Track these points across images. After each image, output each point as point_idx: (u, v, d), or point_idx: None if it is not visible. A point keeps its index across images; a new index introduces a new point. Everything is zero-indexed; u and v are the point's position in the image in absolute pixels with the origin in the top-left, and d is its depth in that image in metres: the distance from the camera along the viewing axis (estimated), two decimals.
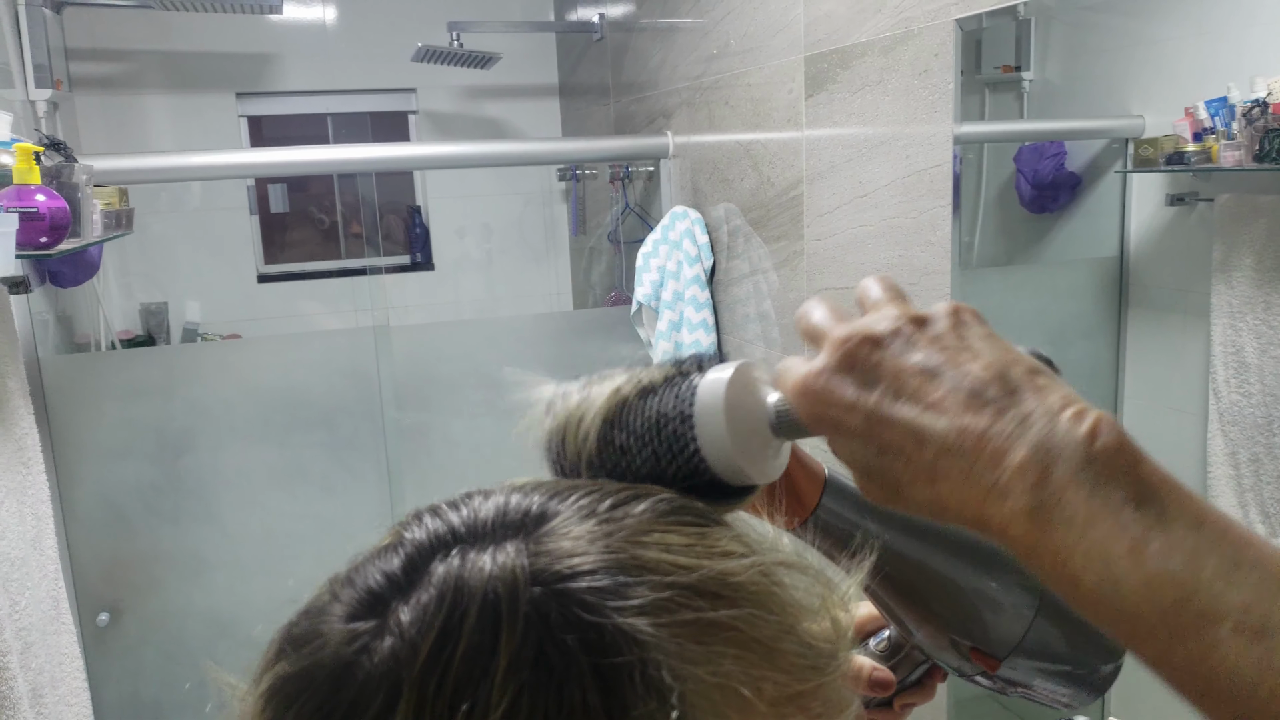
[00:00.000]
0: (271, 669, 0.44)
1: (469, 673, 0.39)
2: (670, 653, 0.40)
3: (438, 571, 0.43)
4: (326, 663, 0.42)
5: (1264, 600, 0.38)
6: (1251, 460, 1.35)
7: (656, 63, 2.92)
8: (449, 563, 0.43)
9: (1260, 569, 0.38)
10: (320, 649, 0.43)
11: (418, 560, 0.44)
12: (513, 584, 0.41)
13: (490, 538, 0.44)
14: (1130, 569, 0.39)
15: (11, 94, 2.46)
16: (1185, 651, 0.39)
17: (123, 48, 3.61)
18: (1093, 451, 0.41)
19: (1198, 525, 0.40)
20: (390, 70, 3.91)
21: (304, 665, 0.43)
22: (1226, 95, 1.33)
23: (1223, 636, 0.38)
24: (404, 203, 4.27)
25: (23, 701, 1.67)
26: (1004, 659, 0.62)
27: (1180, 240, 1.46)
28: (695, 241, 2.56)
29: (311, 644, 0.43)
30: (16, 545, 1.74)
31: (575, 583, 0.41)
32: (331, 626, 0.43)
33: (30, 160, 1.62)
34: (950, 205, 1.67)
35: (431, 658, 0.40)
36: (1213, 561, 0.39)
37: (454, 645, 0.40)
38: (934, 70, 1.67)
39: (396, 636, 0.41)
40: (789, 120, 2.15)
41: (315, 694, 0.42)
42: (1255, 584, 0.38)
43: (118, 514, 2.43)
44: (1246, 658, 0.37)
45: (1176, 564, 0.39)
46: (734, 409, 0.51)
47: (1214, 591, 0.38)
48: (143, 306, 3.64)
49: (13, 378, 1.83)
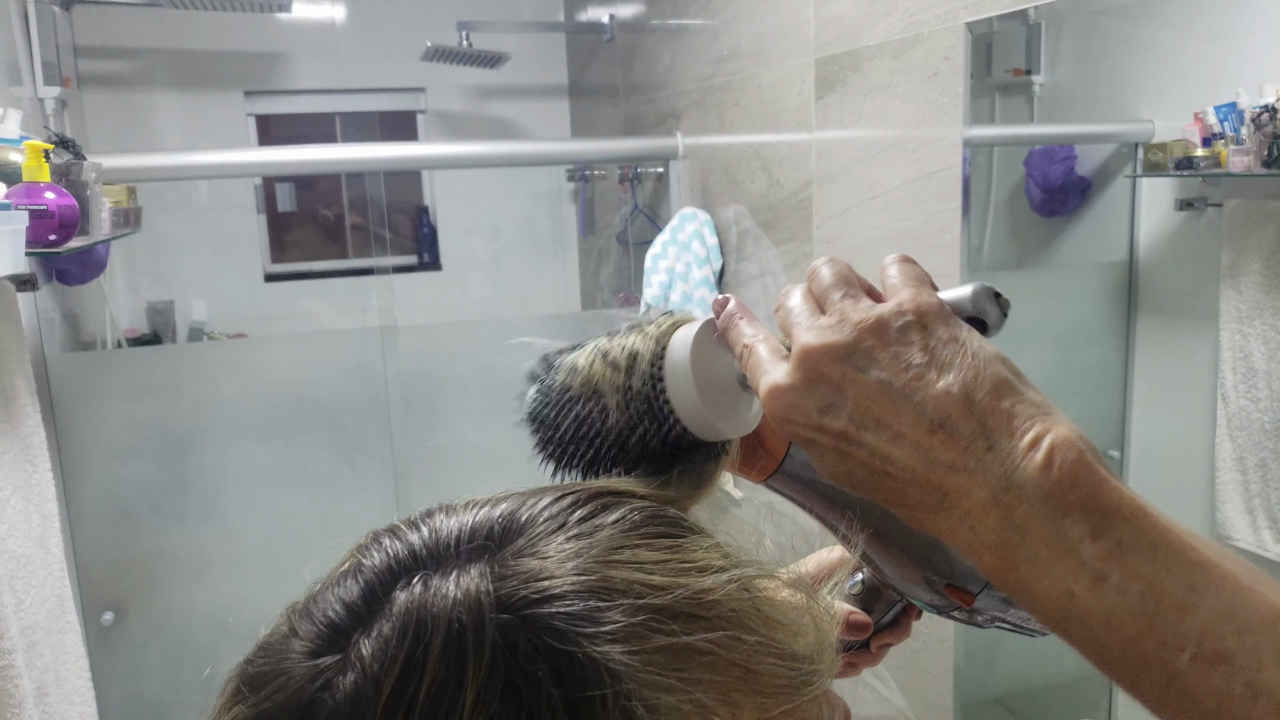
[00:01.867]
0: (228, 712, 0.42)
1: (434, 709, 0.37)
2: (644, 682, 0.38)
3: (399, 600, 0.41)
4: (287, 704, 0.40)
5: (1220, 625, 0.38)
6: (1259, 465, 1.35)
7: (666, 64, 2.92)
8: (410, 590, 0.41)
9: (1215, 592, 0.38)
10: (279, 690, 0.41)
11: (377, 587, 0.42)
12: (478, 611, 0.39)
13: (453, 560, 0.42)
14: (1092, 604, 0.39)
15: (20, 91, 2.46)
16: (1149, 680, 0.39)
17: (132, 45, 3.61)
18: (1050, 483, 0.40)
19: (1153, 550, 0.39)
20: (399, 69, 3.91)
21: (264, 709, 0.41)
22: (1236, 101, 1.33)
23: (1182, 666, 0.38)
24: (412, 202, 4.27)
25: (27, 700, 1.67)
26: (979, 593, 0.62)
27: (1189, 245, 1.46)
28: (704, 243, 2.56)
29: (271, 684, 0.41)
30: (22, 543, 1.74)
31: (544, 608, 0.39)
32: (291, 664, 0.41)
33: (40, 158, 1.62)
34: (960, 208, 1.67)
35: (395, 695, 0.38)
36: (1169, 589, 0.39)
37: (418, 680, 0.38)
38: (944, 73, 1.67)
39: (359, 672, 0.39)
40: (799, 122, 2.14)
41: None
42: (1211, 609, 0.38)
43: (123, 513, 2.44)
44: (1207, 686, 0.37)
45: (1134, 597, 0.39)
46: (701, 365, 0.52)
47: (1170, 621, 0.38)
48: (149, 305, 3.64)
49: (19, 375, 1.83)
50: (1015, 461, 0.41)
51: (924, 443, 0.43)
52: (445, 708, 0.37)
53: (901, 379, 0.43)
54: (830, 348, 0.45)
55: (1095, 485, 0.40)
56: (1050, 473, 0.40)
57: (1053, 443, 0.41)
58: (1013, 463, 0.41)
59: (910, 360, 0.44)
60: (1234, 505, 1.39)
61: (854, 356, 0.44)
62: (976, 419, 0.42)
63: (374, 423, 2.62)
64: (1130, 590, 0.39)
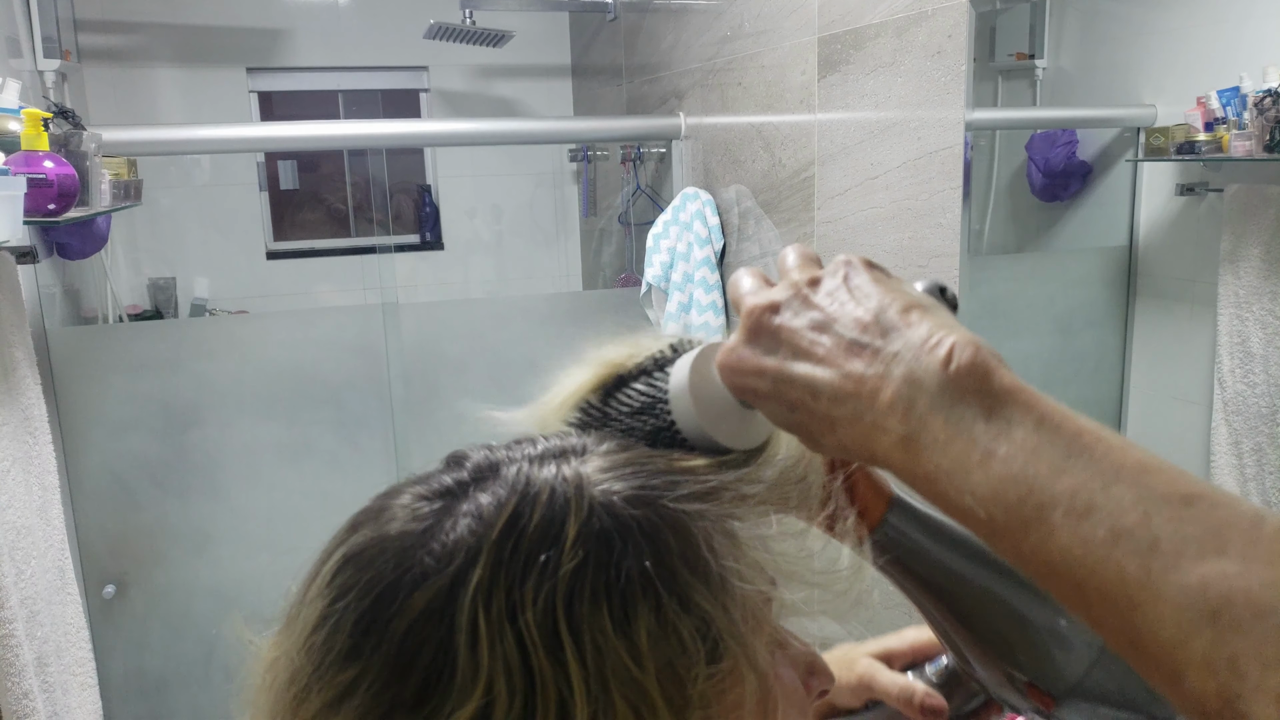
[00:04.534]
0: (344, 542, 0.50)
1: (541, 539, 0.46)
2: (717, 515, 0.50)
3: (507, 472, 0.50)
4: (399, 531, 0.48)
5: (1089, 483, 0.41)
6: (1255, 450, 1.35)
7: (670, 43, 2.91)
8: (517, 466, 0.51)
9: (1088, 455, 0.42)
10: (391, 521, 0.49)
11: (484, 470, 0.51)
12: (578, 480, 0.49)
13: (548, 458, 0.51)
14: (982, 478, 0.43)
15: (20, 64, 2.45)
16: (1030, 542, 0.42)
17: (132, 20, 3.59)
18: (948, 376, 0.44)
19: (1038, 425, 0.43)
20: (402, 47, 3.90)
21: (379, 533, 0.49)
22: (1239, 85, 1.32)
23: (1056, 522, 0.41)
24: (414, 182, 4.27)
25: (28, 669, 1.69)
26: (1060, 698, 0.61)
27: (1189, 230, 1.45)
28: (706, 223, 2.55)
29: (383, 518, 0.49)
30: (23, 514, 1.75)
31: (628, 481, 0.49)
32: (402, 506, 0.50)
33: (39, 126, 1.62)
34: (960, 187, 1.67)
35: (508, 526, 0.47)
36: (1048, 456, 0.42)
37: (528, 518, 0.47)
38: (947, 51, 1.67)
39: (473, 513, 0.48)
40: (802, 102, 2.14)
41: (391, 557, 0.47)
42: (1082, 469, 0.42)
43: (124, 487, 2.44)
44: (1075, 537, 0.41)
45: (1018, 465, 0.42)
46: (700, 387, 0.54)
47: (1047, 483, 0.42)
48: (151, 282, 3.64)
49: (19, 348, 1.83)
50: (919, 360, 0.45)
51: (840, 359, 0.47)
52: (550, 541, 0.46)
53: (826, 313, 0.48)
54: (770, 304, 0.49)
55: (987, 373, 0.44)
56: (948, 367, 0.44)
57: (953, 342, 0.45)
58: (916, 361, 0.45)
59: (835, 297, 0.49)
60: (1229, 489, 1.39)
61: (789, 306, 0.49)
62: (884, 329, 0.47)
63: (375, 399, 2.63)
64: (1014, 461, 0.42)
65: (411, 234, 4.26)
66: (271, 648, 0.50)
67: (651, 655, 0.45)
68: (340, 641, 0.47)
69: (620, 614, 0.45)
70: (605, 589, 0.45)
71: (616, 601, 0.45)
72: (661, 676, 0.45)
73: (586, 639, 0.44)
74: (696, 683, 0.46)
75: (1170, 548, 0.39)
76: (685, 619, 0.46)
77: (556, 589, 0.45)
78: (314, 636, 0.48)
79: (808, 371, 0.47)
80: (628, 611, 0.45)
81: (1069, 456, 0.42)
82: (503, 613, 0.45)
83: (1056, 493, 0.41)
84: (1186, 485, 0.41)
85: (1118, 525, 0.40)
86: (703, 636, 0.47)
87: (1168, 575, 0.39)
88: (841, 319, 0.48)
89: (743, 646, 0.48)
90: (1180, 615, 0.38)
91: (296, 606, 0.50)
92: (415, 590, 0.46)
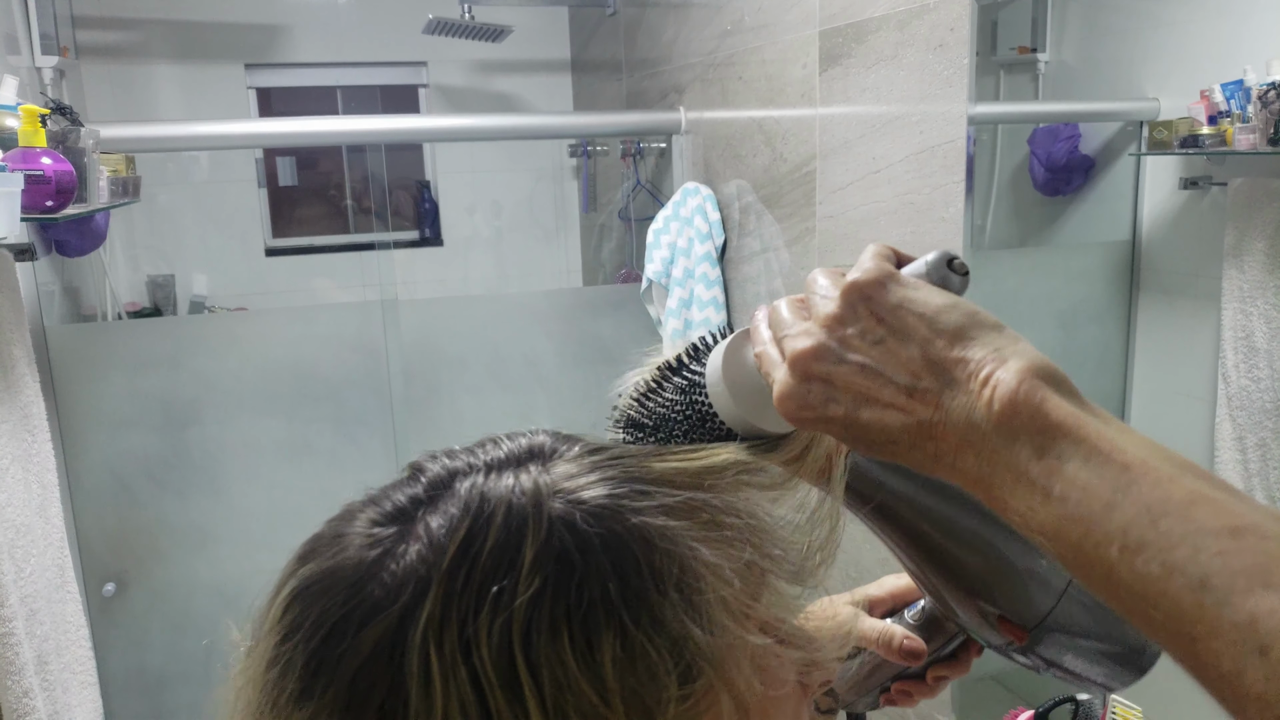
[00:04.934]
0: (293, 575, 0.48)
1: (495, 568, 0.43)
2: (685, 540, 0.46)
3: (461, 487, 0.47)
4: (350, 563, 0.46)
5: (1139, 519, 0.42)
6: (1259, 445, 1.35)
7: (670, 37, 2.90)
8: (473, 480, 0.48)
9: (1136, 488, 0.43)
10: (343, 551, 0.46)
11: (440, 484, 0.48)
12: (536, 493, 0.46)
13: (509, 465, 0.49)
14: (1045, 516, 0.44)
15: (18, 61, 2.44)
16: (1098, 576, 0.43)
17: (130, 16, 3.58)
18: (997, 416, 0.46)
19: (1088, 459, 0.44)
20: (401, 42, 3.89)
21: (327, 566, 0.46)
22: (1242, 78, 1.32)
23: (1114, 558, 0.42)
24: (413, 178, 4.26)
25: (28, 667, 1.68)
26: (1032, 630, 0.63)
27: (1193, 224, 1.45)
28: (707, 218, 2.55)
29: (334, 547, 0.47)
30: (22, 512, 1.75)
31: (593, 490, 0.47)
32: (354, 533, 0.47)
33: (36, 122, 1.61)
34: (963, 180, 1.66)
35: (460, 554, 0.44)
36: (1099, 492, 0.43)
37: (481, 542, 0.44)
38: (949, 44, 1.66)
39: (423, 539, 0.45)
40: (803, 95, 2.13)
41: (340, 591, 0.45)
42: (1132, 504, 0.42)
43: (123, 485, 2.44)
44: (1132, 573, 0.42)
45: (1072, 504, 0.44)
46: (735, 374, 0.55)
47: (1101, 520, 0.43)
48: (149, 279, 3.63)
49: (18, 345, 1.83)
50: (973, 403, 0.47)
51: (905, 406, 0.48)
52: (505, 567, 0.43)
53: (873, 355, 0.49)
54: (814, 349, 0.50)
55: (1035, 409, 0.45)
56: (992, 407, 0.46)
57: (999, 378, 0.46)
58: (971, 404, 0.47)
59: (873, 336, 0.49)
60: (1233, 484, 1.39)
61: (832, 350, 0.50)
62: (939, 373, 0.48)
63: (375, 396, 2.62)
64: (1070, 499, 0.44)
65: (411, 230, 4.25)
66: (238, 675, 0.49)
67: (618, 685, 0.43)
68: (291, 683, 0.45)
69: (582, 643, 0.42)
70: (566, 616, 0.43)
71: (578, 629, 0.43)
72: (629, 707, 0.43)
73: (545, 674, 0.42)
74: (668, 709, 0.44)
75: (1220, 582, 0.40)
76: (654, 642, 0.44)
77: (513, 621, 0.42)
78: (268, 675, 0.46)
79: (878, 418, 0.49)
80: (590, 640, 0.43)
81: (1118, 490, 0.43)
82: (456, 649, 0.42)
83: (1111, 530, 0.42)
84: (1236, 516, 0.41)
85: (1169, 560, 0.41)
86: (674, 659, 0.44)
87: (1220, 610, 0.39)
88: (891, 364, 0.49)
89: (718, 665, 0.46)
90: (1234, 649, 0.39)
91: (254, 638, 0.48)
92: (364, 628, 0.43)
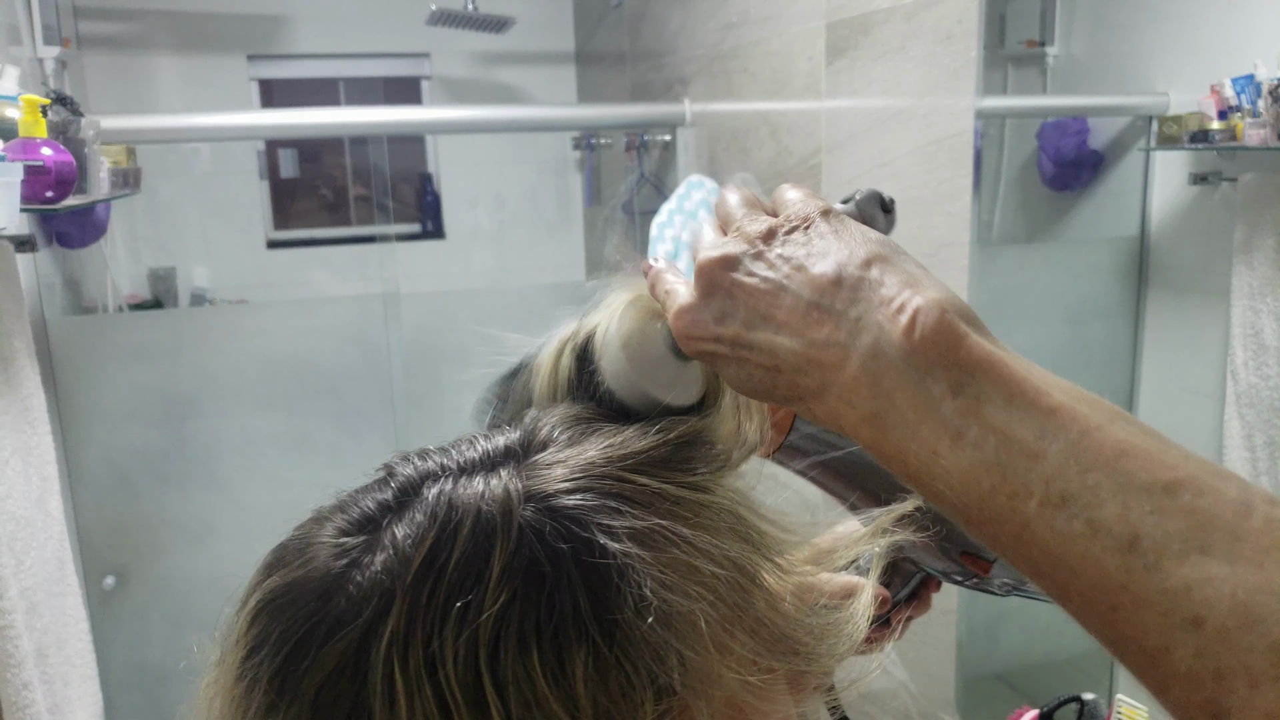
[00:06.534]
0: (259, 586, 0.46)
1: (461, 581, 0.41)
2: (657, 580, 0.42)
3: (429, 493, 0.45)
4: (316, 575, 0.44)
5: (1064, 469, 0.38)
6: (1268, 443, 1.34)
7: (674, 29, 2.88)
8: (441, 485, 0.45)
9: (1063, 435, 0.38)
10: (309, 562, 0.44)
11: (409, 489, 0.46)
12: (505, 500, 0.43)
13: (481, 468, 0.46)
14: (953, 462, 0.40)
15: (19, 51, 2.44)
16: (1007, 534, 0.39)
17: (132, 7, 3.57)
18: (912, 345, 0.41)
19: (1008, 402, 0.40)
20: (404, 34, 3.88)
21: (293, 578, 0.44)
22: (1253, 73, 1.31)
23: (1031, 513, 0.38)
24: (416, 170, 4.25)
25: (28, 660, 1.68)
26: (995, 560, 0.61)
27: (1202, 220, 1.44)
28: (711, 212, 2.53)
29: (301, 558, 0.45)
30: (22, 505, 1.74)
31: (567, 499, 0.44)
32: (321, 543, 0.45)
33: (36, 113, 1.60)
34: (970, 175, 1.65)
35: (425, 566, 0.42)
36: (1020, 438, 0.39)
37: (447, 554, 0.42)
38: (957, 36, 1.65)
39: (389, 550, 0.43)
40: (809, 88, 2.12)
41: (304, 605, 0.43)
42: (1058, 453, 0.38)
43: (123, 478, 2.43)
44: (1051, 531, 0.38)
45: (989, 450, 0.39)
46: (632, 340, 0.52)
47: (1020, 471, 0.39)
48: (151, 271, 3.63)
49: (18, 337, 1.82)
50: (882, 328, 0.42)
51: (801, 326, 0.44)
52: (472, 580, 0.41)
53: (784, 272, 0.45)
54: (723, 259, 0.47)
55: (954, 342, 0.41)
56: (912, 335, 0.41)
57: (916, 306, 0.41)
58: (880, 330, 0.42)
59: (792, 256, 0.45)
60: None
61: (743, 263, 0.46)
62: (847, 292, 0.43)
63: (376, 390, 2.61)
64: (986, 444, 0.39)
65: (413, 223, 4.24)
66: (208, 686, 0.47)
67: (589, 704, 0.40)
68: (258, 698, 0.43)
69: (553, 659, 0.40)
70: (535, 631, 0.40)
71: (548, 645, 0.40)
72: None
73: (512, 692, 0.39)
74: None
75: (1150, 545, 0.36)
76: (628, 659, 0.41)
77: (479, 636, 0.40)
78: (236, 689, 0.44)
79: (770, 339, 0.45)
80: (561, 656, 0.40)
81: (1042, 438, 0.39)
82: (420, 666, 0.40)
83: (1030, 481, 0.38)
84: (1170, 470, 0.37)
85: (1095, 518, 0.37)
86: (649, 676, 0.41)
87: (1149, 576, 0.36)
88: (801, 278, 0.45)
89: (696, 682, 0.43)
90: (1163, 621, 0.35)
91: (223, 649, 0.47)
92: (327, 643, 0.41)
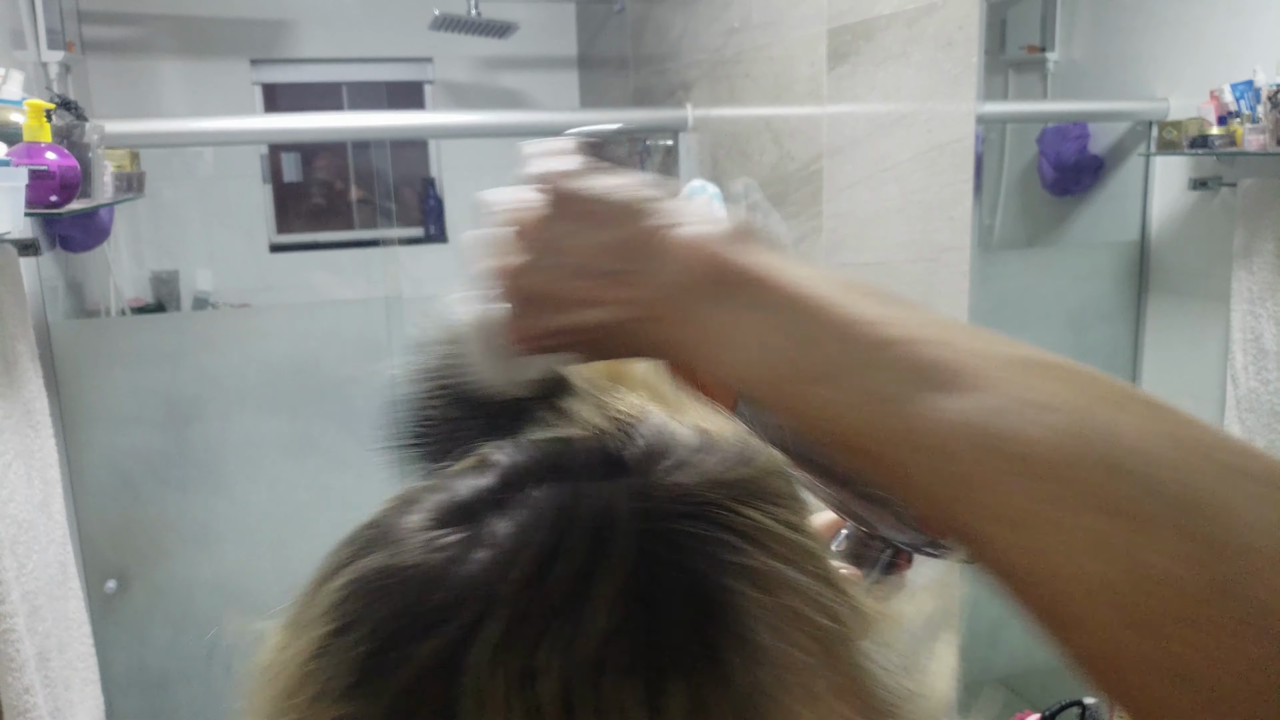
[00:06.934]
0: (351, 564, 0.43)
1: (570, 593, 0.38)
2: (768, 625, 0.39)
3: (538, 494, 0.42)
4: (413, 563, 0.41)
5: (827, 349, 0.40)
6: (1268, 448, 1.34)
7: (677, 34, 2.89)
8: (553, 487, 0.42)
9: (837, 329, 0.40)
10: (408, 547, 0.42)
11: (513, 480, 0.43)
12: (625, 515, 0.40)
13: (591, 472, 0.44)
14: (743, 358, 0.42)
15: (24, 55, 2.44)
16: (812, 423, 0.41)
17: (136, 11, 3.58)
18: (710, 275, 0.43)
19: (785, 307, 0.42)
20: (407, 39, 3.88)
21: (391, 563, 0.42)
22: (1252, 79, 1.31)
23: (810, 393, 0.40)
24: (418, 175, 4.25)
25: (29, 664, 1.68)
26: None
27: (1202, 225, 1.44)
28: None
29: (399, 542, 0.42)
30: (24, 508, 1.74)
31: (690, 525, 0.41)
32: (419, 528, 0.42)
33: (41, 118, 1.61)
34: (971, 180, 1.66)
35: (534, 572, 0.39)
36: (798, 336, 0.41)
37: (558, 563, 0.39)
38: (958, 42, 1.65)
39: (491, 548, 0.40)
40: (810, 93, 2.12)
41: (403, 593, 0.40)
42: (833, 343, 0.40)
43: (126, 481, 2.44)
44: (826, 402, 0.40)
45: (774, 348, 0.41)
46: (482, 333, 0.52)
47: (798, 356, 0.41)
48: (154, 274, 3.63)
49: (22, 340, 1.82)
50: (666, 267, 0.44)
51: (609, 296, 0.45)
52: (581, 595, 0.38)
53: (568, 254, 0.46)
54: (506, 269, 0.48)
55: (721, 256, 0.43)
56: (692, 268, 0.43)
57: (686, 240, 0.44)
58: (665, 270, 0.44)
59: (566, 229, 0.46)
60: None
61: (529, 264, 0.47)
62: (628, 248, 0.45)
63: (378, 394, 2.61)
64: (773, 346, 0.41)
65: (416, 227, 4.24)
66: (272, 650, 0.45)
67: None
68: (340, 679, 0.41)
69: (655, 691, 0.37)
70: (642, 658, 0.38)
71: (653, 674, 0.38)
72: None
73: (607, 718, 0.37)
74: None
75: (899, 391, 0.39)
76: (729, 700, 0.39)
77: (583, 655, 0.37)
78: (313, 663, 0.43)
79: (591, 318, 0.46)
80: (664, 689, 0.37)
81: (820, 335, 0.41)
82: (516, 677, 0.37)
83: (804, 363, 0.41)
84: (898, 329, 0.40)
85: (857, 385, 0.39)
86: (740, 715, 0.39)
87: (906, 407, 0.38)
88: (584, 255, 0.46)
89: None
90: None
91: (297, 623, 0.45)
92: (423, 639, 0.39)
